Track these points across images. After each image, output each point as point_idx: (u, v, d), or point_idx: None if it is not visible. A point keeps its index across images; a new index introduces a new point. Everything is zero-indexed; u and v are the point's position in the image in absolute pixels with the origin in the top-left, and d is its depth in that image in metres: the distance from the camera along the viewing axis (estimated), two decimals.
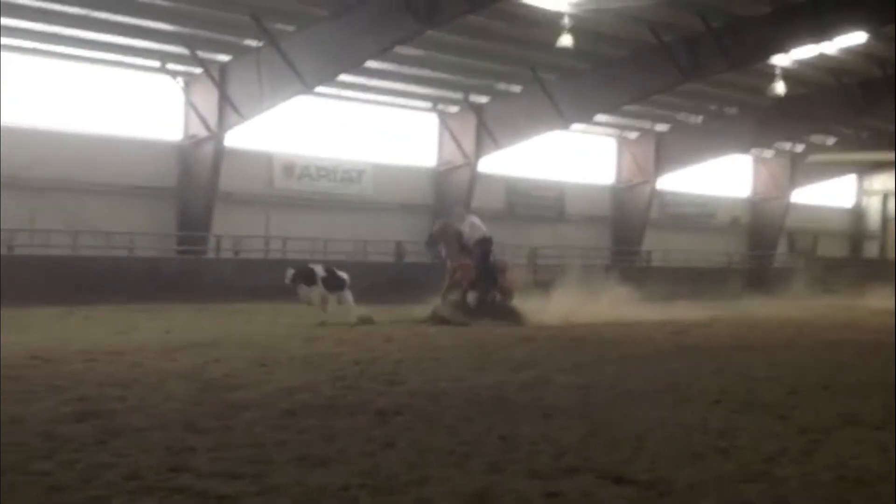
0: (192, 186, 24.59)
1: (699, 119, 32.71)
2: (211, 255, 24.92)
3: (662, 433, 7.69)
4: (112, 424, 7.15)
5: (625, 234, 33.90)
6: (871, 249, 44.05)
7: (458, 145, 28.96)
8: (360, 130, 28.40)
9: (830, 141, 37.63)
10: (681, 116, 32.42)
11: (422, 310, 17.07)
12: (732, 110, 31.83)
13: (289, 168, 27.02)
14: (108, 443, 6.56)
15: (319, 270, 15.76)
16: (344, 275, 16.13)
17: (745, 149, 34.76)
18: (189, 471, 5.90)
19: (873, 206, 44.46)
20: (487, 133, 28.57)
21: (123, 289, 19.69)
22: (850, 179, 43.71)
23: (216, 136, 24.15)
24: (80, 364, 10.27)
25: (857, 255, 43.78)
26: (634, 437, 7.48)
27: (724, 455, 6.96)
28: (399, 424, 7.63)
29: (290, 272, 15.53)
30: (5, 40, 21.48)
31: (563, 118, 27.67)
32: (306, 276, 15.53)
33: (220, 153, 24.39)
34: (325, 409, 8.11)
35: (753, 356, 13.33)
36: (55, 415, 7.40)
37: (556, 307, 17.63)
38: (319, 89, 24.70)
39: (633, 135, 33.59)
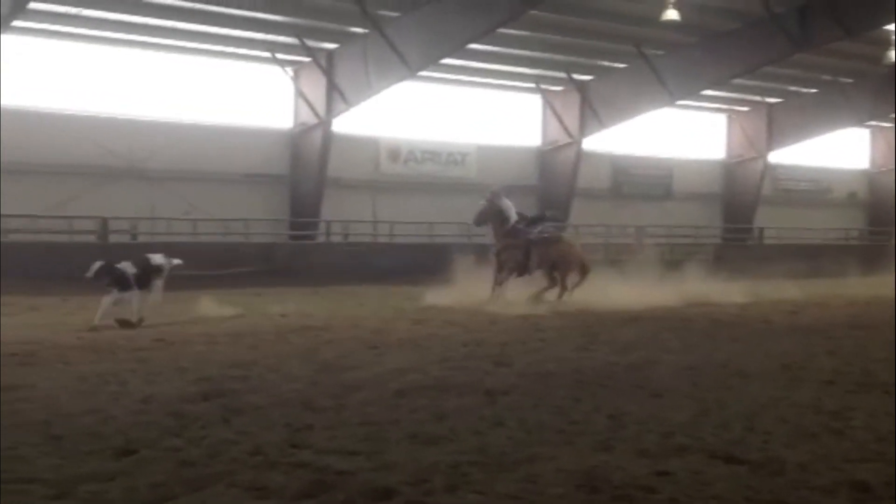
0: (303, 173, 25.23)
1: (813, 90, 31.65)
2: (321, 239, 25.54)
3: (774, 413, 7.62)
4: (235, 403, 7.51)
5: (736, 211, 33.16)
6: None
7: (563, 124, 28.83)
8: (464, 113, 28.55)
9: None
10: (793, 88, 31.45)
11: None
12: (848, 80, 30.69)
13: (394, 152, 27.40)
14: (231, 420, 6.91)
15: (129, 268, 12.47)
16: (159, 259, 13.04)
17: (861, 120, 33.46)
18: (308, 447, 6.18)
19: None
20: (592, 111, 28.34)
21: (240, 273, 20.40)
22: None
23: (324, 122, 24.70)
24: (202, 346, 10.76)
25: None
26: (745, 416, 7.45)
27: (837, 435, 6.88)
28: (507, 404, 7.77)
29: (96, 266, 12.23)
30: (123, 35, 22.41)
31: (670, 94, 27.24)
32: (117, 278, 12.31)
33: (329, 139, 24.93)
34: (435, 389, 8.30)
35: (869, 335, 12.96)
36: (182, 394, 7.81)
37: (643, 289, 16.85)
38: (423, 73, 24.94)
39: (743, 108, 32.77)
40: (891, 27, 25.76)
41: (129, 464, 5.69)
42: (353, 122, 25.95)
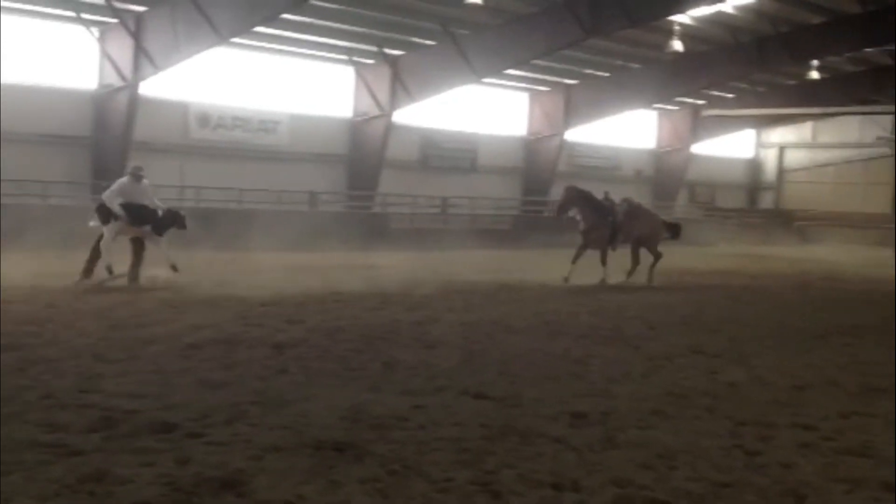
0: (107, 135, 24.77)
1: (606, 74, 33.78)
2: None
3: (528, 360, 8.76)
4: (30, 356, 7.88)
5: (534, 185, 35.01)
6: (767, 200, 46.27)
7: (374, 97, 29.56)
8: (277, 81, 28.78)
9: (730, 96, 39.16)
10: (588, 71, 33.44)
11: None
12: (636, 66, 32.96)
13: (204, 118, 27.32)
14: (25, 370, 7.32)
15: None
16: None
17: (648, 103, 35.99)
18: (98, 392, 6.71)
19: (770, 158, 46.56)
20: (402, 85, 29.20)
21: (38, 237, 19.96)
22: (749, 133, 45.64)
23: (131, 85, 24.34)
24: None
25: (753, 205, 46.00)
26: (502, 363, 8.54)
27: (575, 377, 8.04)
28: (294, 355, 8.51)
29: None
30: None
31: (475, 72, 28.40)
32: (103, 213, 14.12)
33: (135, 102, 24.59)
34: (227, 343, 8.94)
35: (628, 297, 14.52)
36: None
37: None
38: (236, 40, 24.98)
39: (543, 88, 34.55)
40: (674, 18, 27.89)
41: None
42: (162, 87, 25.68)
